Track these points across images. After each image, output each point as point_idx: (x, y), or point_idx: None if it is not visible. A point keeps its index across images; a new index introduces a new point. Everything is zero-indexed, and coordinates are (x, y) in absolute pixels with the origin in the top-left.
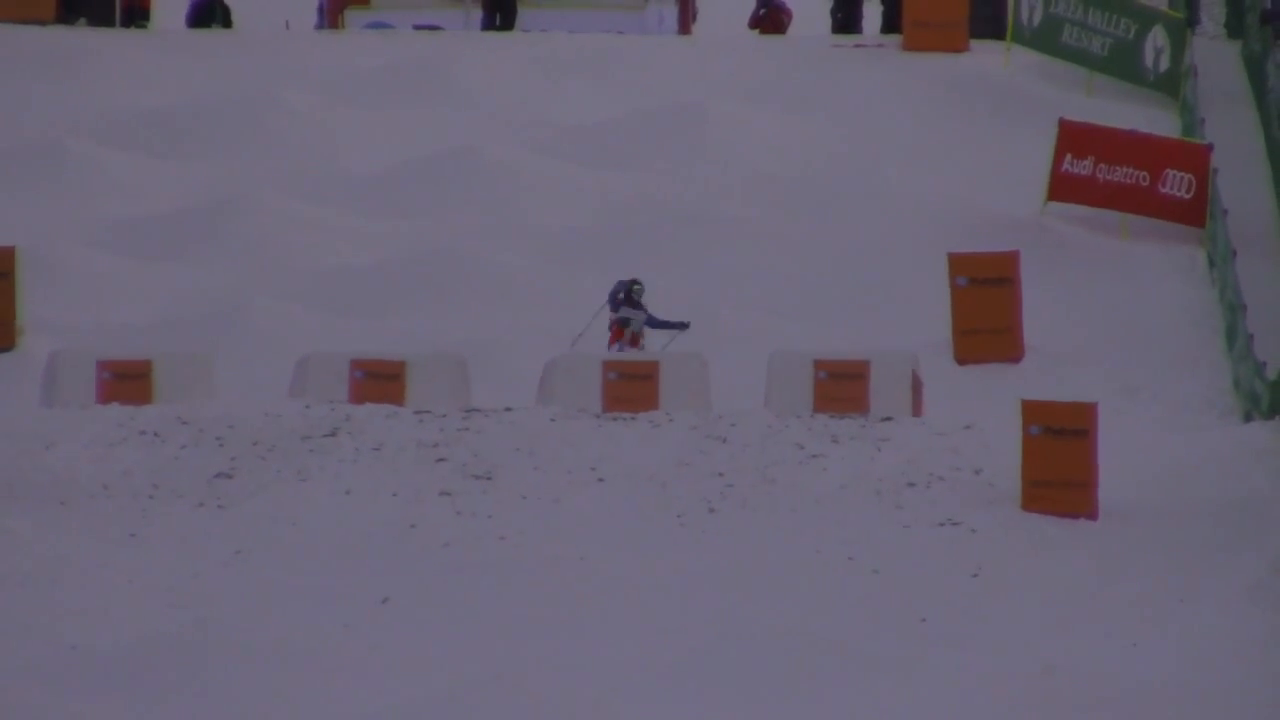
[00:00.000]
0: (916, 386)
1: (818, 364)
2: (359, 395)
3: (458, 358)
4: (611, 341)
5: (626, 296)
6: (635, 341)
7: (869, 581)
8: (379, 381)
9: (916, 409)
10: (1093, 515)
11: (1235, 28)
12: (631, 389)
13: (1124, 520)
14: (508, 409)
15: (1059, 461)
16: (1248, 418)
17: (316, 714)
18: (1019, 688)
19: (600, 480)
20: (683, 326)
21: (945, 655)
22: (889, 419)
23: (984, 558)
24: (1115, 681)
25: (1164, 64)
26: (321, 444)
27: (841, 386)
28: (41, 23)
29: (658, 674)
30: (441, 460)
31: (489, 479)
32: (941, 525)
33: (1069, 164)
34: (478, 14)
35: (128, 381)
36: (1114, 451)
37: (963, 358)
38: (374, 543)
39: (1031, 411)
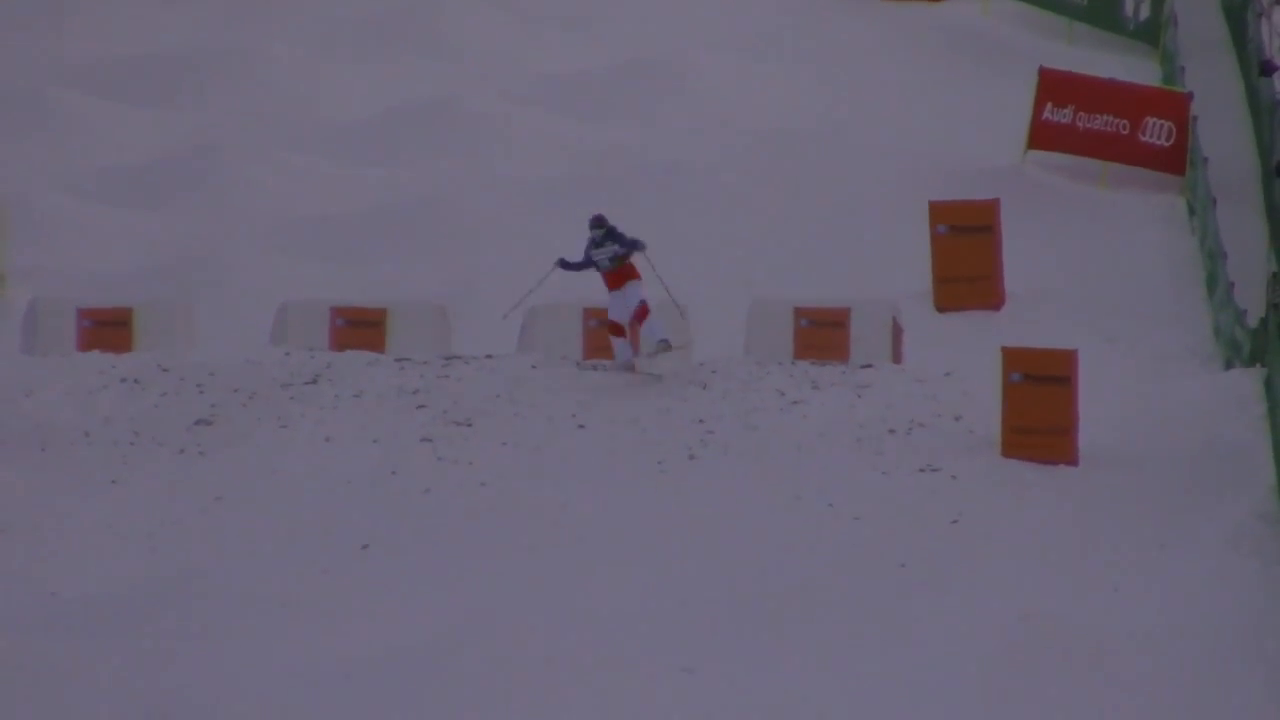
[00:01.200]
0: (897, 334)
1: (798, 311)
2: (340, 342)
3: (438, 305)
4: (609, 287)
5: (593, 242)
6: (619, 280)
7: (849, 527)
8: (360, 329)
9: (897, 356)
10: (1073, 462)
11: None
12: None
13: (1104, 467)
14: (488, 356)
15: (1039, 408)
16: (1228, 365)
17: (297, 659)
18: (999, 633)
19: (581, 427)
20: (639, 246)
21: (925, 601)
22: (869, 366)
23: (964, 504)
24: (1095, 627)
25: (1144, 13)
26: (302, 391)
27: (822, 334)
28: None
29: (639, 618)
30: (422, 407)
31: (470, 426)
32: (921, 471)
33: (1049, 112)
34: None
35: (108, 329)
36: (1094, 398)
37: (943, 305)
38: (354, 489)
39: (1012, 359)
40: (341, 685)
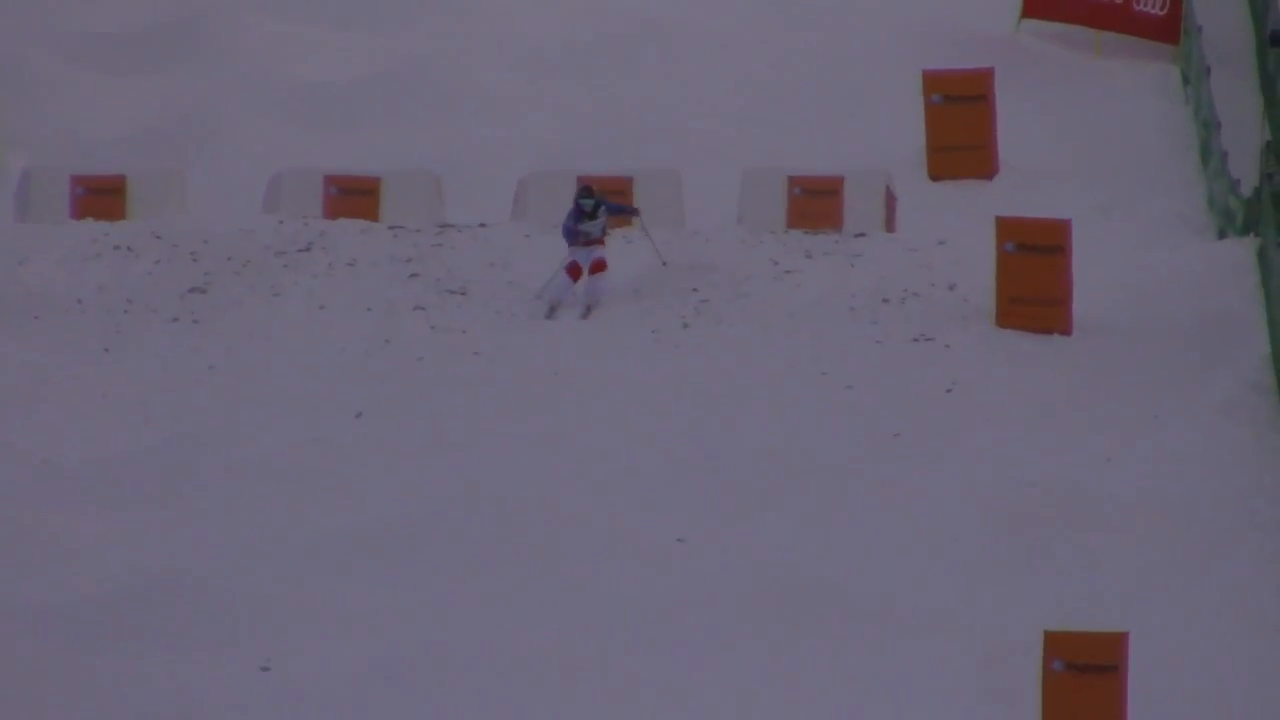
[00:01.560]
0: (890, 202)
1: (792, 180)
2: (333, 211)
3: (432, 174)
4: (571, 244)
5: (577, 211)
6: (590, 243)
7: (842, 396)
8: (353, 197)
9: (890, 225)
10: (1067, 331)
11: None
12: None
13: (1098, 336)
14: (482, 225)
15: (1033, 278)
16: (1221, 234)
17: (288, 527)
18: (993, 501)
19: (573, 295)
20: (634, 211)
21: (919, 470)
22: (863, 235)
23: (958, 373)
24: (1089, 495)
25: None
26: (295, 259)
27: (815, 202)
28: None
29: (632, 487)
30: (415, 276)
31: (463, 294)
32: (915, 341)
33: None
34: None
35: (102, 197)
36: (1088, 268)
37: (936, 174)
38: (347, 357)
39: (1006, 228)
40: (334, 553)
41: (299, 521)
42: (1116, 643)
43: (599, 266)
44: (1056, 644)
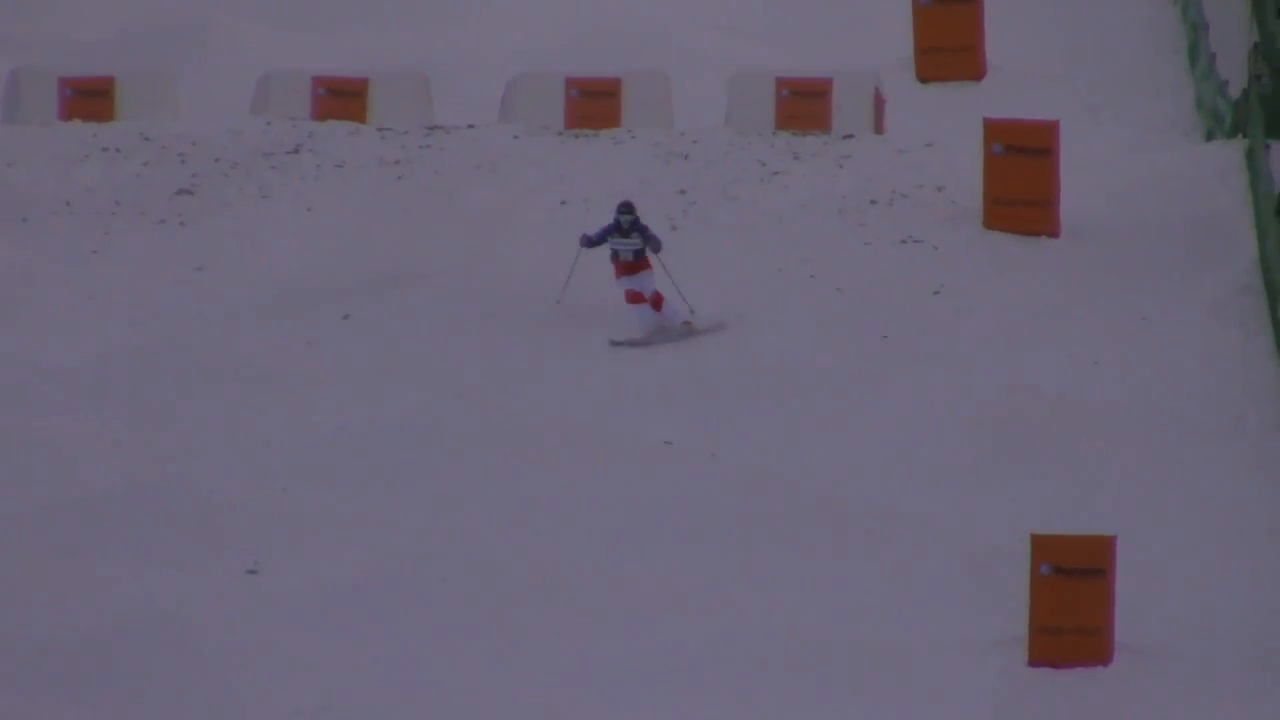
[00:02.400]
0: (879, 104)
1: (780, 82)
2: (321, 112)
3: (420, 75)
4: (617, 274)
5: (617, 227)
6: (632, 269)
7: (831, 298)
8: (341, 99)
9: (879, 127)
10: (1055, 233)
11: None
12: (594, 106)
13: (1086, 239)
14: (470, 126)
15: (1021, 180)
16: (1210, 136)
17: (276, 429)
18: (983, 403)
19: (563, 203)
20: (657, 245)
21: (907, 372)
22: (851, 136)
23: (946, 275)
24: (1076, 399)
25: None
26: (283, 161)
27: (804, 104)
28: None
29: (619, 389)
30: (403, 178)
31: (451, 197)
32: (903, 243)
33: None
34: None
35: (90, 99)
36: (1076, 170)
37: (925, 76)
38: (335, 259)
39: (994, 130)
40: (322, 455)
41: (287, 423)
42: (1104, 546)
43: (658, 302)
44: (1044, 548)
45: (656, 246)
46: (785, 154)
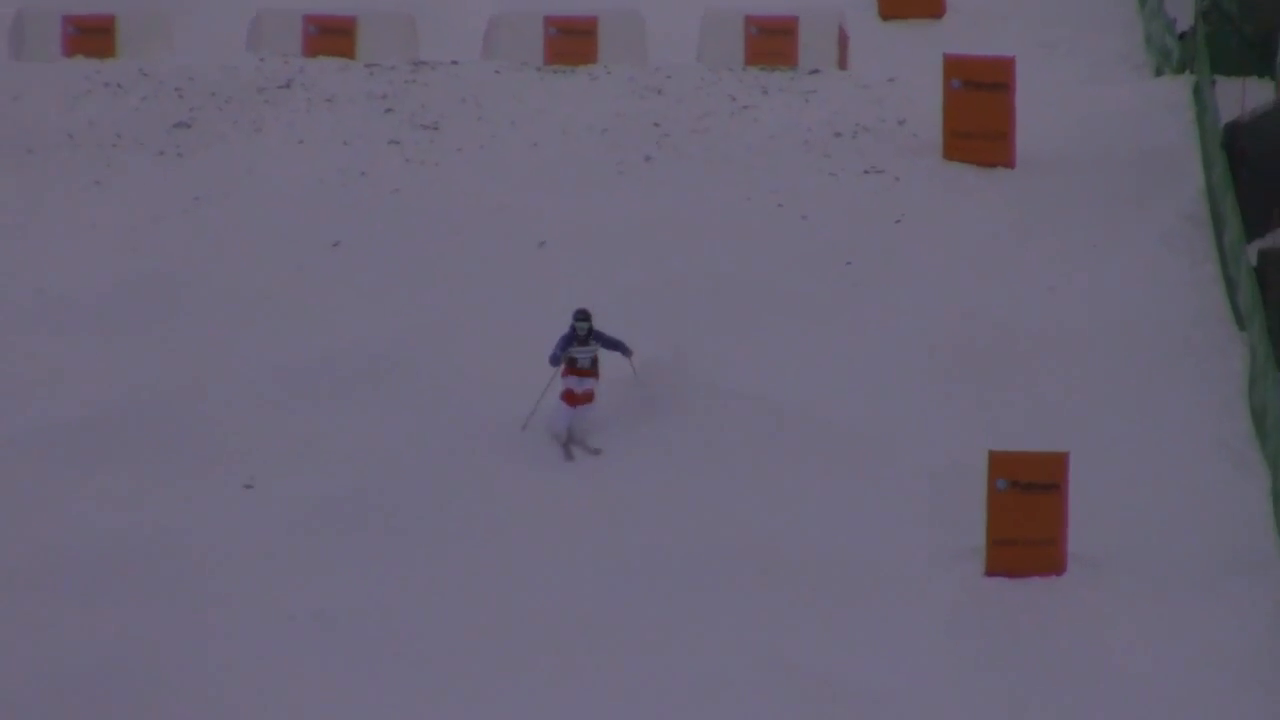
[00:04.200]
0: (843, 41)
1: (748, 19)
2: (312, 49)
3: (407, 13)
4: (565, 374)
5: (574, 335)
6: (583, 375)
7: (797, 226)
8: (331, 36)
9: (843, 62)
10: (1010, 164)
11: None
12: (572, 44)
13: (1041, 170)
14: (454, 62)
15: (979, 113)
16: (1159, 72)
17: (269, 353)
18: (942, 328)
19: (542, 132)
20: (627, 351)
21: (870, 297)
22: (817, 72)
23: (907, 205)
24: (1032, 324)
25: None
26: (276, 95)
27: (771, 41)
28: None
29: (596, 312)
30: (390, 111)
31: (436, 129)
32: (866, 173)
33: None
34: None
35: (92, 36)
36: (1032, 104)
37: (887, 13)
38: (326, 190)
39: (953, 66)
40: (314, 378)
41: (280, 347)
42: (1058, 462)
43: (588, 398)
44: (1000, 464)
45: (626, 352)
46: (754, 88)
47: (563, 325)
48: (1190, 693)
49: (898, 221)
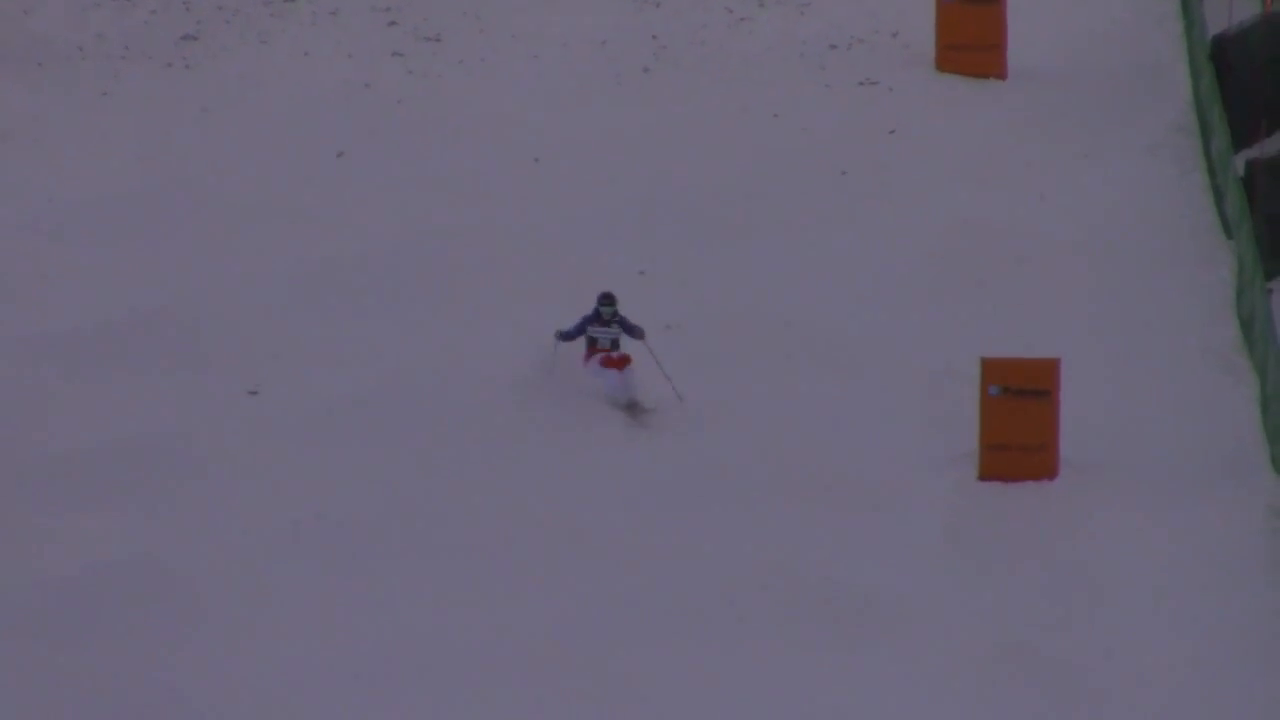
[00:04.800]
0: None
1: None
2: None
3: None
4: (586, 357)
5: (597, 317)
6: (612, 361)
7: (794, 136)
8: None
9: None
10: (1002, 76)
11: None
12: None
13: (1032, 81)
14: None
15: (971, 26)
16: None
17: (275, 260)
18: (933, 236)
19: (542, 44)
20: (639, 335)
21: (864, 206)
22: None
23: (901, 115)
24: (1023, 232)
25: None
26: (281, 8)
27: None
28: None
29: (601, 221)
30: (394, 24)
31: (438, 41)
32: (861, 85)
33: None
34: None
35: None
36: (1023, 17)
37: None
38: (331, 101)
39: None
40: (319, 285)
41: (285, 255)
42: (1049, 368)
43: (624, 361)
44: (993, 370)
45: (640, 335)
46: (750, 1)
47: (567, 228)
48: (1179, 594)
49: (892, 132)
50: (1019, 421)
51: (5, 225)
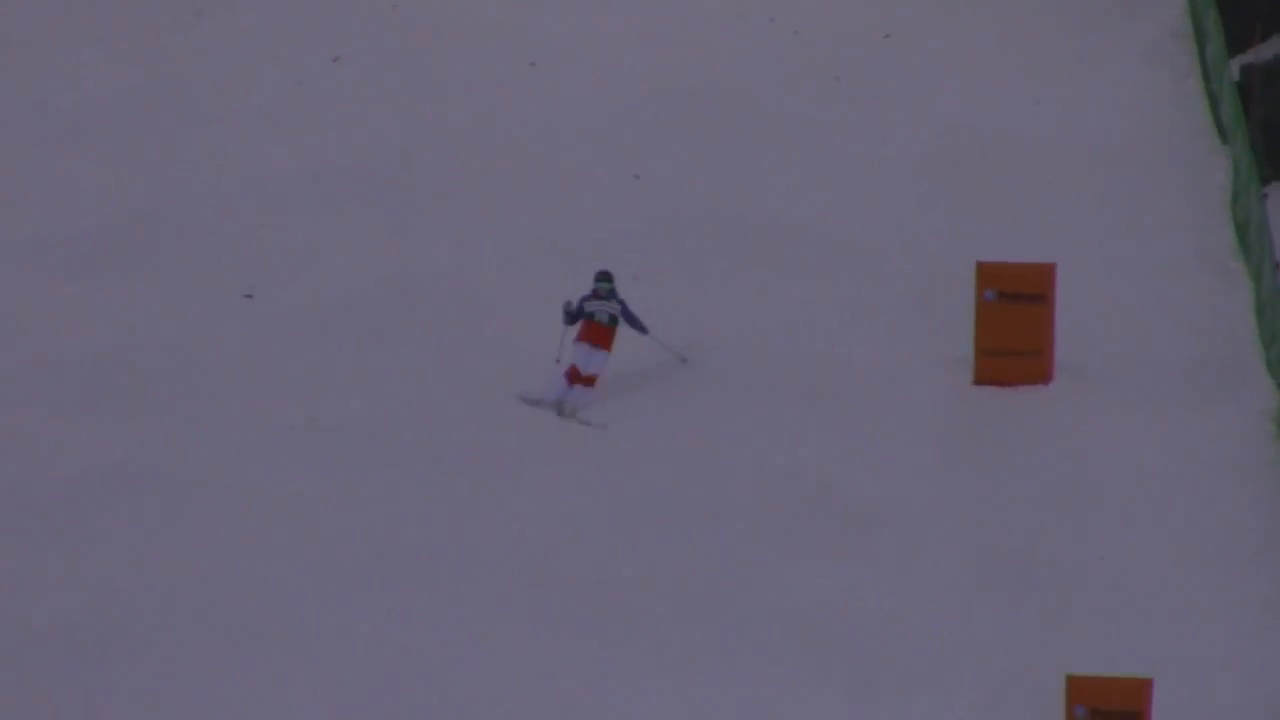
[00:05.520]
0: None
1: None
2: None
3: None
4: (580, 337)
5: (594, 294)
6: (597, 338)
7: (788, 40)
8: None
9: None
10: None
11: None
12: None
13: None
14: None
15: None
16: None
17: (269, 165)
18: (927, 141)
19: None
20: (643, 329)
21: (858, 111)
22: None
23: (895, 20)
24: (1017, 137)
25: None
26: None
27: None
28: None
29: (594, 128)
30: None
31: None
32: None
33: None
34: None
35: None
36: None
37: None
38: (325, 5)
39: None
40: (313, 190)
41: (279, 159)
42: (1044, 273)
43: (590, 381)
44: (988, 275)
45: (643, 329)
46: None
47: (563, 138)
48: (1172, 497)
49: (886, 37)
50: (1014, 326)
51: None
